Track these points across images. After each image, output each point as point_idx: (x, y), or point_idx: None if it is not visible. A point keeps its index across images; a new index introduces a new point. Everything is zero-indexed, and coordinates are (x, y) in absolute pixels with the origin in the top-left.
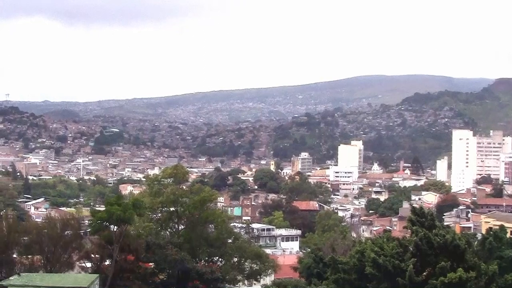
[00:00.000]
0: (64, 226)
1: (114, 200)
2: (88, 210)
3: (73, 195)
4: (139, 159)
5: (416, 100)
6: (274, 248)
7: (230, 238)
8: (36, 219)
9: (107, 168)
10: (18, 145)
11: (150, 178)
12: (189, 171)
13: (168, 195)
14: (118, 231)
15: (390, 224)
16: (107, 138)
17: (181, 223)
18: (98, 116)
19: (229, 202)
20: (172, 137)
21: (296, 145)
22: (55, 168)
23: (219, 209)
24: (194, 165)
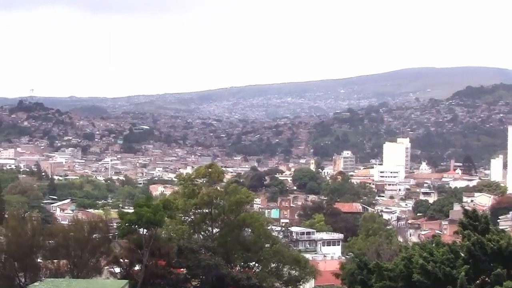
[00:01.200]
0: (92, 229)
1: (144, 202)
2: (117, 212)
3: (100, 196)
4: (171, 158)
5: (468, 94)
6: (315, 253)
7: (267, 242)
8: (62, 221)
9: (137, 168)
10: (43, 144)
11: (182, 177)
12: (224, 170)
13: (202, 196)
14: (148, 235)
15: (439, 228)
16: (137, 135)
17: (215, 226)
18: (127, 113)
19: (266, 203)
20: (206, 135)
21: (338, 143)
22: (82, 168)
23: (256, 212)
24: (229, 164)
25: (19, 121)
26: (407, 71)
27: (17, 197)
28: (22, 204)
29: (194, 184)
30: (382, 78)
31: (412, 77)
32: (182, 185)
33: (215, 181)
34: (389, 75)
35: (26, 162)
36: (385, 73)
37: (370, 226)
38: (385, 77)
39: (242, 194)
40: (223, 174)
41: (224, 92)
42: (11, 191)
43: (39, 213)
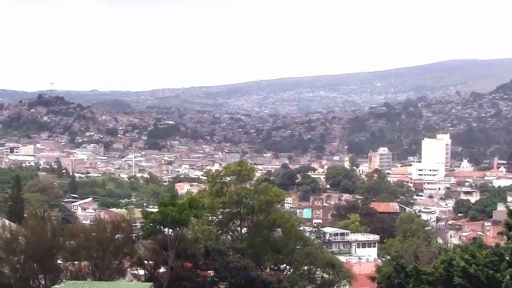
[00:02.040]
0: (114, 229)
1: (169, 200)
2: (141, 212)
3: (124, 195)
4: (197, 155)
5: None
6: (349, 255)
7: (299, 244)
8: (83, 221)
9: (162, 165)
10: (64, 139)
11: (210, 175)
12: (254, 168)
13: (231, 194)
14: (173, 235)
15: (482, 230)
16: (162, 131)
17: (244, 227)
18: (152, 107)
19: (297, 203)
20: (234, 130)
21: (374, 139)
22: (104, 165)
23: (287, 211)
24: (259, 161)
25: (38, 116)
26: (448, 63)
27: (36, 196)
28: (41, 203)
29: (223, 182)
30: (421, 70)
31: (453, 69)
32: (209, 183)
33: (245, 179)
34: (428, 68)
35: (46, 158)
36: (424, 65)
37: (407, 227)
38: (424, 70)
39: (273, 193)
40: (253, 171)
41: (253, 86)
42: (31, 189)
43: (60, 212)
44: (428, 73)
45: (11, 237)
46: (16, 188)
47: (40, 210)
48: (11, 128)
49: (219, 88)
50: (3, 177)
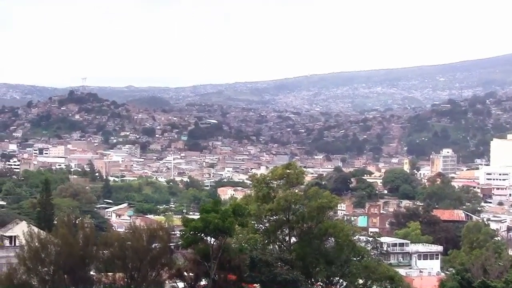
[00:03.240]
0: (152, 237)
1: (211, 206)
2: (180, 219)
3: (162, 200)
4: (242, 157)
5: None
6: (409, 268)
7: (353, 255)
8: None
9: (203, 168)
10: (97, 140)
11: (256, 179)
12: (304, 171)
13: (279, 200)
14: (216, 244)
15: None
16: (203, 131)
17: (293, 236)
18: (192, 105)
19: (352, 210)
20: (282, 130)
21: (437, 140)
22: (140, 168)
23: (340, 219)
24: (309, 164)
25: (69, 114)
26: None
27: (67, 201)
28: (73, 209)
29: (269, 187)
30: (489, 63)
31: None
32: (255, 188)
33: (294, 183)
34: (497, 60)
35: (77, 160)
36: (493, 58)
37: (474, 237)
38: (493, 62)
39: (325, 199)
40: (303, 175)
41: (303, 81)
42: (61, 194)
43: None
44: (497, 66)
45: (40, 246)
46: (46, 193)
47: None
48: (40, 128)
49: (266, 84)
50: (31, 181)
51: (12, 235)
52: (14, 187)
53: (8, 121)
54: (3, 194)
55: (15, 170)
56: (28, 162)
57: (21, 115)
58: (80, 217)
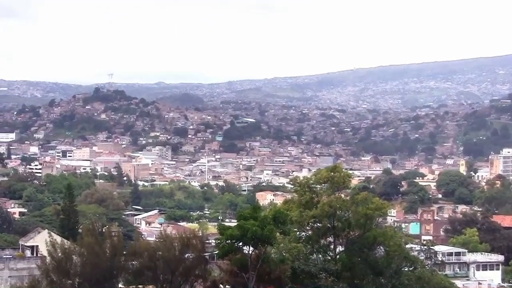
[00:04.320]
0: (184, 247)
1: (249, 213)
2: (215, 226)
3: (195, 206)
4: (282, 158)
5: None
6: (466, 279)
7: (405, 265)
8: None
9: (240, 171)
10: (125, 141)
11: (298, 183)
12: (350, 174)
13: (323, 206)
14: (254, 254)
15: None
16: (240, 130)
17: (339, 244)
18: (228, 102)
19: (403, 216)
20: (326, 129)
21: (496, 139)
22: (172, 171)
23: (390, 226)
24: (356, 166)
25: (95, 113)
26: None
27: (93, 207)
28: (99, 216)
29: (313, 191)
30: None
31: None
32: (297, 193)
33: (339, 187)
34: None
35: (103, 164)
36: None
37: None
38: None
39: (373, 204)
40: (349, 178)
41: (348, 75)
42: (86, 199)
43: (120, 228)
44: None
45: (63, 256)
46: (69, 199)
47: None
48: (63, 128)
49: (308, 79)
50: (54, 186)
51: (34, 244)
52: (35, 193)
53: (29, 121)
54: (23, 201)
55: (37, 175)
56: (50, 166)
57: (43, 115)
58: (106, 225)
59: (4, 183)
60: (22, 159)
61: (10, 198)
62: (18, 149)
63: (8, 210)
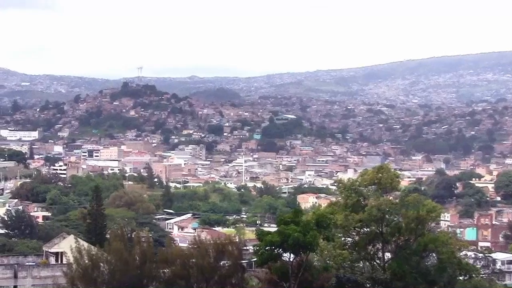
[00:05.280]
0: (220, 253)
1: (290, 217)
2: (253, 232)
3: (231, 210)
4: (325, 158)
5: None
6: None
7: (459, 274)
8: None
9: (280, 171)
10: (156, 140)
11: (343, 184)
12: (399, 174)
13: (370, 210)
14: (295, 262)
15: None
16: (280, 128)
17: (387, 251)
18: (267, 97)
19: (457, 220)
20: (373, 126)
21: None
22: (206, 172)
23: (443, 231)
24: (406, 166)
25: (123, 109)
26: None
27: (121, 211)
28: (128, 220)
29: (359, 194)
30: None
31: None
32: (342, 195)
33: (387, 189)
34: None
35: (133, 164)
36: None
37: None
38: None
39: (425, 208)
40: (398, 179)
41: (397, 68)
42: (114, 203)
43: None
44: None
45: (90, 263)
46: (96, 202)
47: (127, 229)
48: (89, 126)
49: (353, 72)
50: (80, 188)
51: (59, 251)
52: (60, 196)
53: (53, 118)
54: (47, 204)
55: (61, 176)
56: (75, 166)
57: (67, 111)
58: (136, 230)
59: (26, 185)
60: (45, 159)
61: (33, 201)
62: (41, 149)
63: (31, 214)
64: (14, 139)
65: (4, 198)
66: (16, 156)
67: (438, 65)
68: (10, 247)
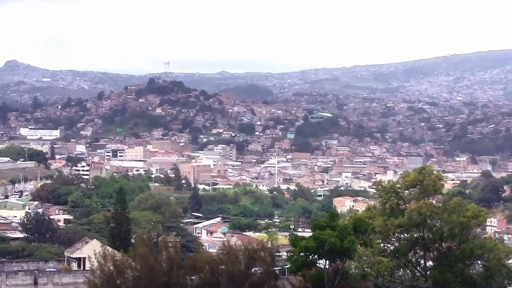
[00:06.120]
0: (251, 260)
1: (326, 221)
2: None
3: (263, 214)
4: (363, 159)
5: None
6: None
7: (508, 283)
8: (209, 248)
9: (315, 173)
10: (183, 139)
11: (382, 187)
12: (443, 177)
13: (411, 214)
14: (331, 269)
15: None
16: (315, 126)
17: (429, 258)
18: (301, 94)
19: (505, 226)
20: (414, 125)
21: None
22: (237, 173)
23: (489, 238)
24: (449, 167)
25: (149, 107)
26: None
27: (147, 214)
28: (154, 224)
29: (399, 197)
30: None
31: None
32: (381, 198)
33: (429, 192)
34: None
35: (159, 165)
36: None
37: None
38: None
39: (469, 212)
40: (441, 182)
41: (441, 63)
42: (140, 205)
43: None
44: None
45: (115, 269)
46: (121, 205)
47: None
48: (113, 125)
49: (393, 67)
50: (103, 190)
51: (81, 256)
52: (82, 198)
53: (75, 116)
54: (69, 207)
55: (84, 177)
56: (99, 167)
57: (91, 109)
58: (163, 235)
59: (47, 187)
60: (67, 159)
61: (54, 203)
62: (62, 148)
63: (52, 217)
64: (35, 138)
65: (24, 200)
66: (37, 156)
67: (484, 60)
68: (30, 252)
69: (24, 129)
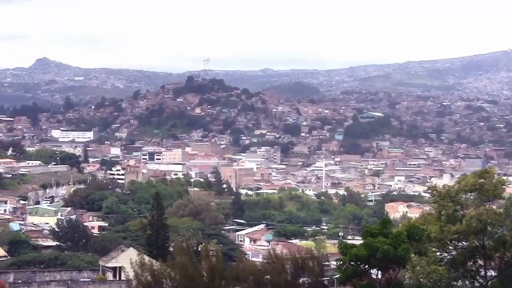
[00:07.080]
0: (298, 269)
1: (378, 228)
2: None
3: (310, 220)
4: (418, 161)
5: None
6: None
7: None
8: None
9: (365, 177)
10: (224, 140)
11: (438, 192)
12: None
13: (470, 220)
14: (384, 279)
15: None
16: (365, 127)
17: (490, 268)
18: (350, 92)
19: None
20: (473, 125)
21: None
22: (281, 177)
23: None
24: (511, 170)
25: (188, 107)
26: None
27: (186, 221)
28: (194, 231)
29: (456, 202)
30: None
31: None
32: (437, 204)
33: (490, 197)
34: None
35: (199, 168)
36: None
37: None
38: None
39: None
40: (503, 186)
41: (501, 58)
42: (178, 211)
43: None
44: None
45: (152, 280)
46: (158, 211)
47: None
48: (150, 126)
49: (450, 63)
50: (140, 195)
51: (117, 265)
52: (117, 204)
53: (110, 117)
54: (104, 213)
55: (119, 182)
56: (135, 171)
57: (126, 109)
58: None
59: (80, 192)
60: (101, 162)
61: (87, 209)
62: (96, 151)
63: (86, 224)
64: (67, 141)
65: (56, 206)
66: (69, 159)
67: None
68: (62, 261)
69: (55, 131)
